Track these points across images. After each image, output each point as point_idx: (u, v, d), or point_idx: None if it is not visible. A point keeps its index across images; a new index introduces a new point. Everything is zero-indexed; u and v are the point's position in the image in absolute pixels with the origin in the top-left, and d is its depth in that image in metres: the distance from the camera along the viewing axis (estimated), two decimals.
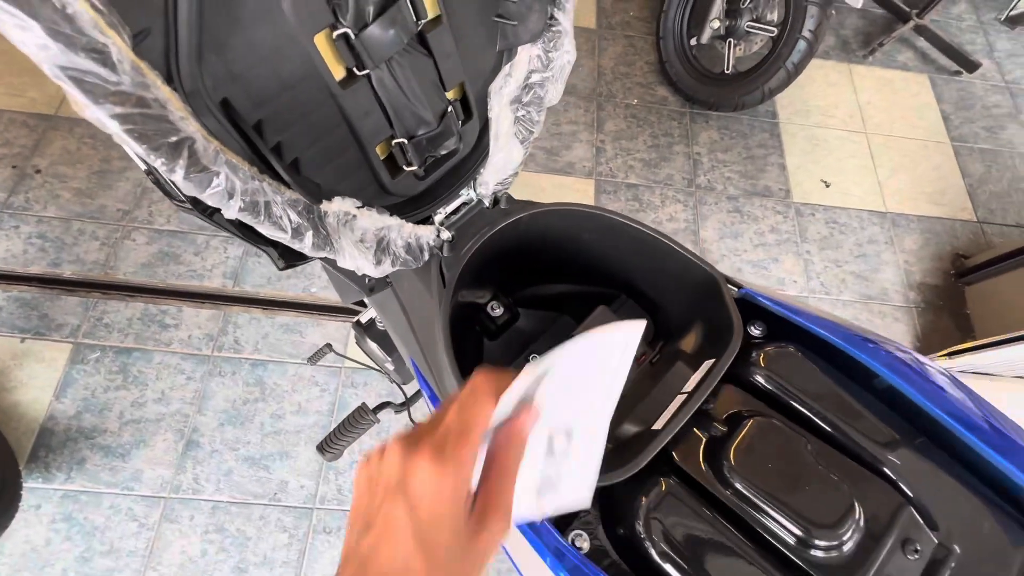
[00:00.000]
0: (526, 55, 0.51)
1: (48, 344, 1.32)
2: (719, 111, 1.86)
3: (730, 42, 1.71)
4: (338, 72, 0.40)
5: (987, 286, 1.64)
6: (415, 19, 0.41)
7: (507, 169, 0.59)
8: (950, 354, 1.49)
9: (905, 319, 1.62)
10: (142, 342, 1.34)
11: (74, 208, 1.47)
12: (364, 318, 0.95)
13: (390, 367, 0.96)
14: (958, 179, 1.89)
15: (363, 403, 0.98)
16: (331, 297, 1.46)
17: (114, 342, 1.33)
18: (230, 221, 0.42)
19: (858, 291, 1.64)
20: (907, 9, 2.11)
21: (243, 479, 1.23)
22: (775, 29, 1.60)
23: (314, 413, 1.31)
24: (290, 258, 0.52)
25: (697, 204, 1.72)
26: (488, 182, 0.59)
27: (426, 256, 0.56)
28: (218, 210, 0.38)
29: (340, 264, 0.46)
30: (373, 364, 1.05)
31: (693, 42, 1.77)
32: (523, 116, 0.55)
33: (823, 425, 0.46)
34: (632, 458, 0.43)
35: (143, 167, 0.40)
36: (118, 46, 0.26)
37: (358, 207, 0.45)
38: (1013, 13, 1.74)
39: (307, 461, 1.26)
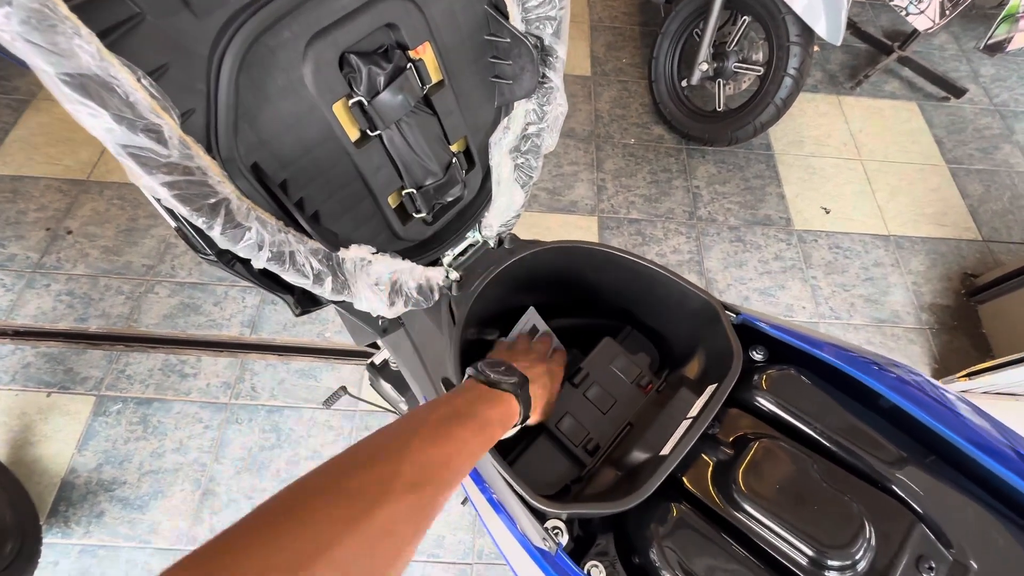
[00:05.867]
0: (522, 109, 0.55)
1: (72, 397, 1.35)
2: (714, 146, 1.92)
3: (719, 82, 1.80)
4: (353, 134, 0.44)
5: (1001, 304, 1.62)
6: (420, 85, 0.46)
7: (510, 211, 0.63)
8: (969, 375, 1.46)
9: (920, 341, 1.60)
10: (162, 392, 1.37)
11: (102, 265, 1.54)
12: (378, 360, 0.98)
13: (404, 407, 0.97)
14: (958, 200, 1.91)
15: None
16: (345, 341, 1.49)
17: (135, 393, 1.36)
18: (250, 271, 0.46)
19: (869, 315, 1.64)
20: (888, 43, 2.20)
21: None
22: (761, 68, 1.68)
23: (329, 457, 1.31)
24: (305, 304, 0.55)
25: (700, 235, 1.76)
26: (492, 224, 0.63)
27: (436, 296, 0.59)
28: (238, 261, 0.42)
29: (356, 307, 0.50)
30: (387, 405, 1.06)
31: (684, 83, 1.86)
32: (522, 163, 0.59)
33: (828, 445, 0.47)
34: (641, 485, 0.44)
35: (173, 225, 0.44)
36: (169, 125, 0.30)
37: (373, 253, 0.49)
38: (991, 41, 1.81)
39: None
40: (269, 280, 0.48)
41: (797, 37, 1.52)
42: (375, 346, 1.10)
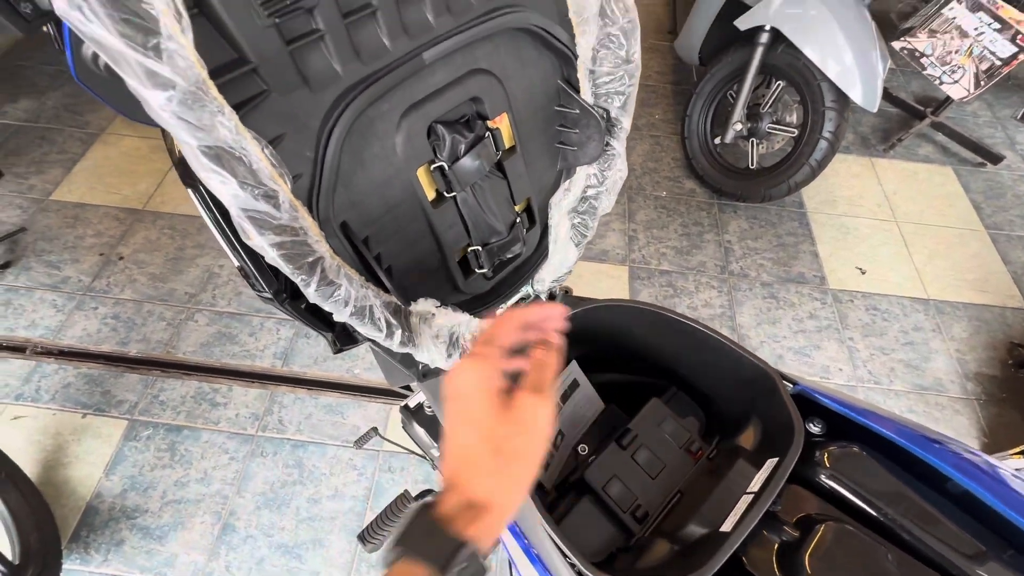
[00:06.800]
0: (583, 172, 0.58)
1: (106, 420, 1.38)
2: (746, 202, 1.94)
3: (753, 141, 1.83)
4: (431, 194, 0.47)
5: None
6: (495, 150, 0.48)
7: (563, 268, 0.64)
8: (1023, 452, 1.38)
9: (967, 412, 1.53)
10: (192, 420, 1.38)
11: (147, 291, 1.60)
12: (412, 403, 0.98)
13: (435, 453, 0.96)
14: (1000, 266, 1.86)
15: (405, 491, 0.97)
16: (373, 378, 1.49)
17: (167, 419, 1.38)
18: (296, 309, 0.47)
19: (910, 381, 1.58)
20: (921, 108, 2.23)
21: (275, 569, 1.20)
22: (795, 130, 1.71)
23: (350, 498, 1.30)
24: (344, 342, 0.56)
25: (731, 290, 1.74)
26: (545, 279, 0.64)
27: None
28: (289, 299, 0.44)
29: (417, 358, 0.51)
30: (417, 449, 1.05)
31: (717, 141, 1.90)
32: (578, 223, 0.61)
33: (899, 532, 0.45)
34: (702, 563, 0.42)
35: (236, 264, 0.47)
36: (283, 190, 0.32)
37: (437, 307, 0.50)
38: None
39: (339, 551, 1.22)
40: (314, 318, 0.49)
41: (833, 103, 1.55)
42: (407, 387, 1.10)
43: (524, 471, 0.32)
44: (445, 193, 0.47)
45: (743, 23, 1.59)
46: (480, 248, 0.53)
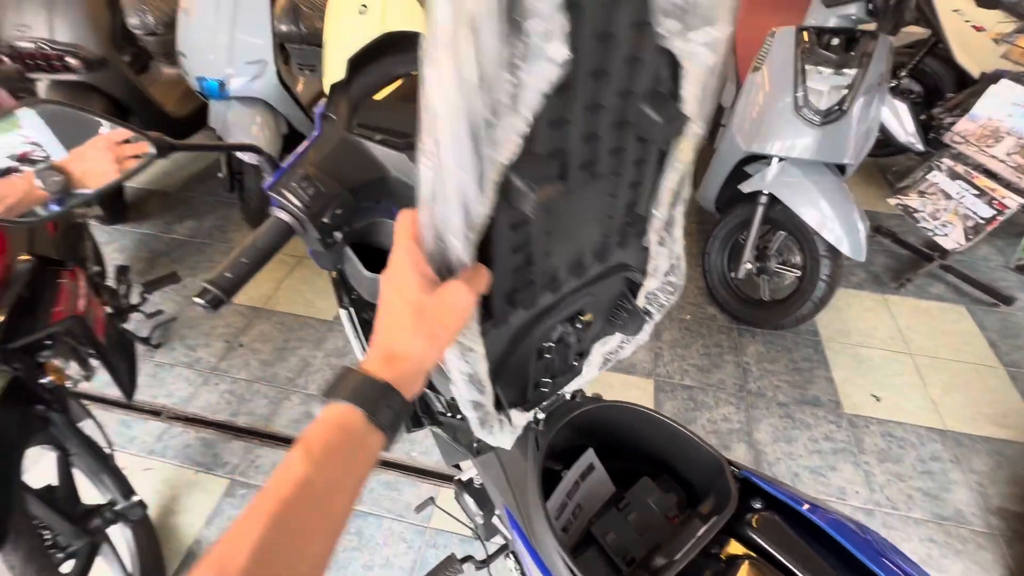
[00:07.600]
0: (619, 335, 0.89)
1: (212, 478, 1.69)
2: (762, 328, 2.18)
3: (763, 278, 2.13)
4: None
5: None
6: (582, 327, 0.81)
7: (584, 382, 0.94)
8: None
9: (991, 547, 1.56)
10: None
11: (258, 373, 2.00)
12: (464, 477, 1.24)
13: (479, 521, 1.19)
14: (1020, 404, 1.94)
15: (452, 554, 1.19)
16: (427, 461, 1.75)
17: (259, 482, 1.67)
18: None
19: (929, 510, 1.64)
20: (929, 252, 2.46)
21: None
22: (799, 271, 2.00)
23: (398, 569, 1.49)
24: (417, 424, 0.86)
25: (749, 408, 1.92)
26: (572, 387, 0.94)
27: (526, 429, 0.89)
28: None
29: (493, 443, 0.80)
30: (464, 518, 1.28)
31: (733, 275, 2.21)
32: (607, 359, 0.92)
33: None
34: None
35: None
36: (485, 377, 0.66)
37: (517, 411, 0.80)
38: (1020, 263, 2.03)
39: None
40: None
41: (826, 252, 1.85)
42: (457, 467, 1.37)
43: (438, 331, 0.40)
44: (547, 356, 0.80)
45: (746, 187, 1.98)
46: (551, 379, 0.84)
